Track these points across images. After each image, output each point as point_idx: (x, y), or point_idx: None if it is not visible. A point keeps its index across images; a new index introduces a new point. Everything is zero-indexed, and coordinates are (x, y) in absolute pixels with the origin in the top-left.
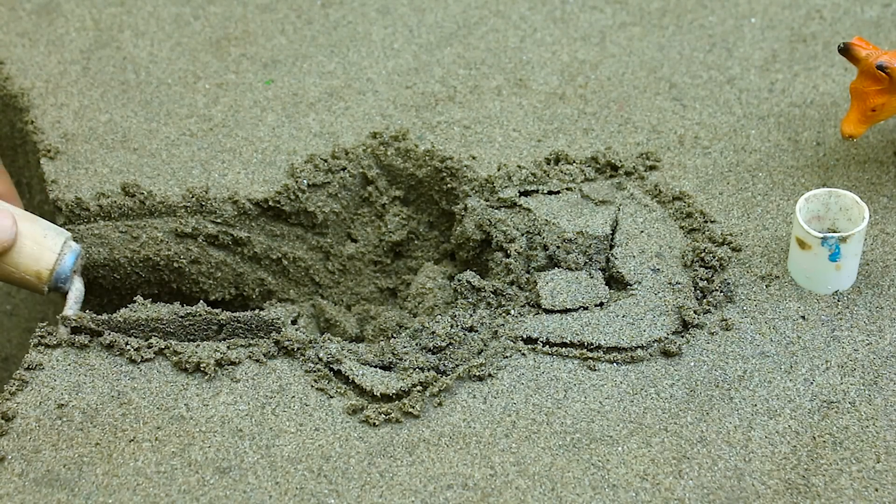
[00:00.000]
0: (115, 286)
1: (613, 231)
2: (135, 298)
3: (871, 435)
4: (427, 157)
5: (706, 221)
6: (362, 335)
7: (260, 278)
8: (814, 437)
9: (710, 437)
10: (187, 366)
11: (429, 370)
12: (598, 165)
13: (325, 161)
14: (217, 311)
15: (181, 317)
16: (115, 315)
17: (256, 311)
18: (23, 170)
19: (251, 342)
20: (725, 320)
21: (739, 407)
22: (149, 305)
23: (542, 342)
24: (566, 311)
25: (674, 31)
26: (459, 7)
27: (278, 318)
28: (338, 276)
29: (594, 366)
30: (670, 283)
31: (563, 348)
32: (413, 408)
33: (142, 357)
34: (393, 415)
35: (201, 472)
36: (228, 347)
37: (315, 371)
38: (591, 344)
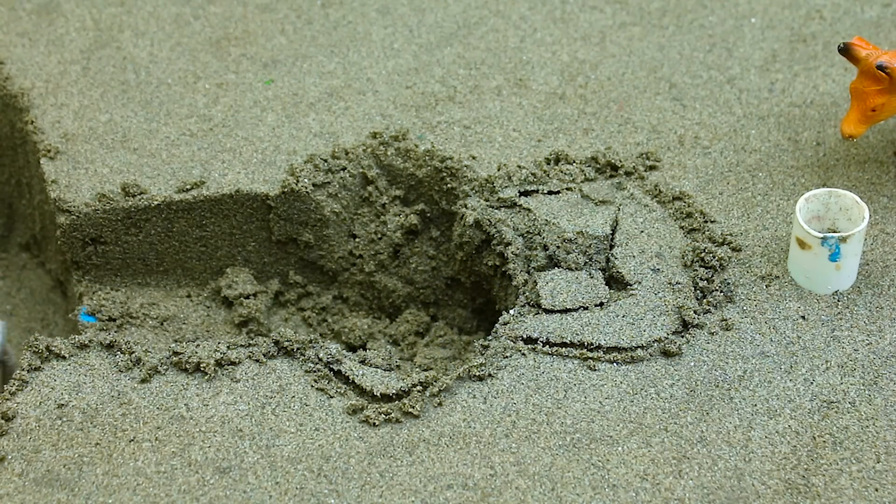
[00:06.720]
0: (116, 286)
1: (613, 231)
2: None
3: (871, 435)
4: (427, 157)
5: (706, 221)
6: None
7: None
8: (814, 437)
9: (710, 437)
10: (187, 366)
11: (429, 370)
12: (598, 165)
13: (325, 161)
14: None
15: None
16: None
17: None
18: (23, 170)
19: (251, 342)
20: (725, 320)
21: (739, 407)
22: None
23: (542, 342)
24: (566, 311)
25: (674, 31)
26: (459, 7)
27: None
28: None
29: (594, 366)
30: (670, 283)
31: (563, 348)
32: (413, 408)
33: (142, 357)
34: (393, 415)
35: (201, 472)
36: (228, 347)
37: (315, 371)
38: (591, 344)
